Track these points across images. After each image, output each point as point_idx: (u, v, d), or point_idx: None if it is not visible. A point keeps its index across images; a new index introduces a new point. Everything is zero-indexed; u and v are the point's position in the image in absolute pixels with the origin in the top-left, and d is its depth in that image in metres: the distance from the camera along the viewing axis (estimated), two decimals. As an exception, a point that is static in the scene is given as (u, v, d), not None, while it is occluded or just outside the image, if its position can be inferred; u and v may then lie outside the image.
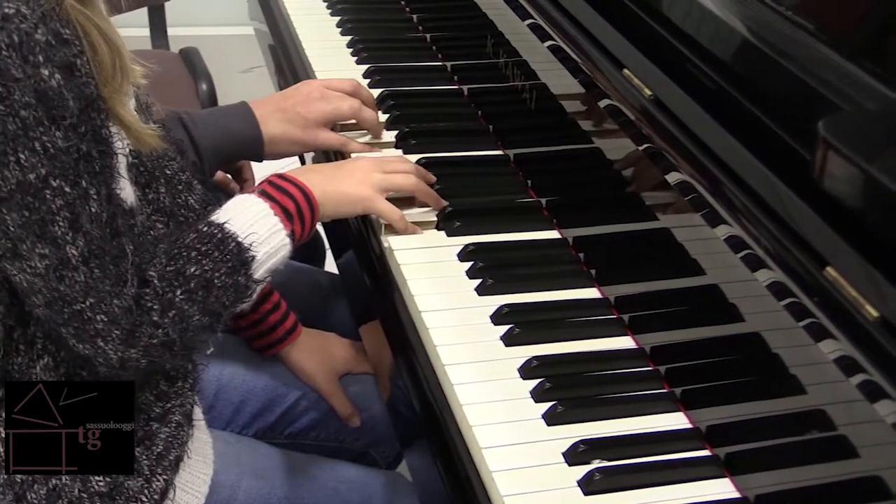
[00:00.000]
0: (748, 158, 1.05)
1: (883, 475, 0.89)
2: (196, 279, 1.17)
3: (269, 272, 1.26)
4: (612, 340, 1.26)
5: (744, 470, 1.08)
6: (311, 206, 1.30)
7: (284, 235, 1.26)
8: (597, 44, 1.33)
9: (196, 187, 1.38)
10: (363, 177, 1.38)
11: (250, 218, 1.24)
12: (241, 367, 1.47)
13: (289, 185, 1.30)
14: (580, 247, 1.40)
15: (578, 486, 1.07)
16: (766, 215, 1.01)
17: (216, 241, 1.20)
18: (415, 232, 1.40)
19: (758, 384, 1.07)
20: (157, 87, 2.30)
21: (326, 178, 1.36)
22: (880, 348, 0.86)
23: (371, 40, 1.91)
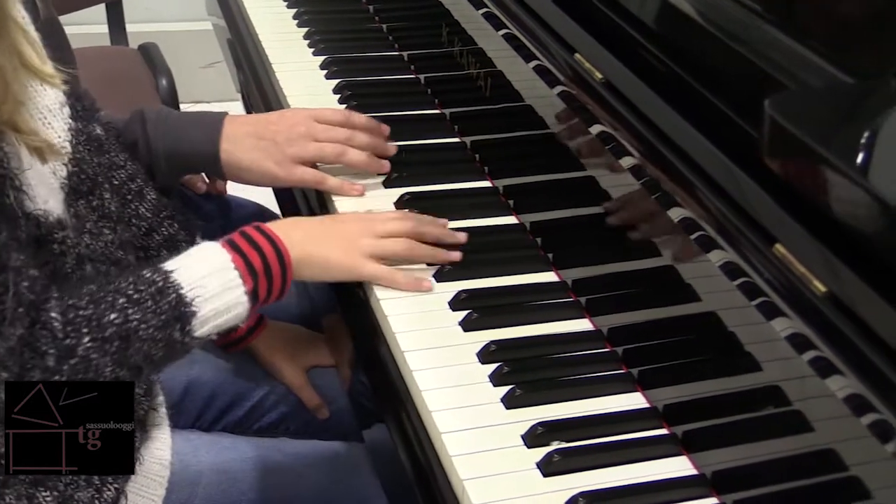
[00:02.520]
0: (698, 139, 1.05)
1: (836, 448, 0.89)
2: (114, 328, 1.06)
3: (218, 329, 1.15)
4: (570, 323, 1.25)
5: (701, 447, 1.09)
6: (284, 267, 1.18)
7: (242, 293, 1.15)
8: (549, 29, 1.33)
9: (148, 196, 1.33)
10: (351, 242, 1.26)
11: (204, 270, 1.13)
12: (209, 363, 1.46)
13: (261, 239, 1.18)
14: (537, 231, 1.39)
15: (537, 468, 1.06)
16: (717, 194, 1.01)
17: (154, 291, 1.09)
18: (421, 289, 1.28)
19: (714, 362, 1.07)
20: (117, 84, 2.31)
21: (309, 238, 1.24)
22: (829, 323, 0.86)
23: (328, 31, 1.90)
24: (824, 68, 0.99)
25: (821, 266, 0.88)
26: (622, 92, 1.17)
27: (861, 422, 0.84)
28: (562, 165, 1.34)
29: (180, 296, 1.11)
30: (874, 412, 0.82)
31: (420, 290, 1.28)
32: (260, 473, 1.33)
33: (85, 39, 2.48)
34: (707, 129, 1.05)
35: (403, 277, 1.28)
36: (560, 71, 1.29)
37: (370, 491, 1.35)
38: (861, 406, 0.84)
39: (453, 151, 1.59)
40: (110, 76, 2.32)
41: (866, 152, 0.87)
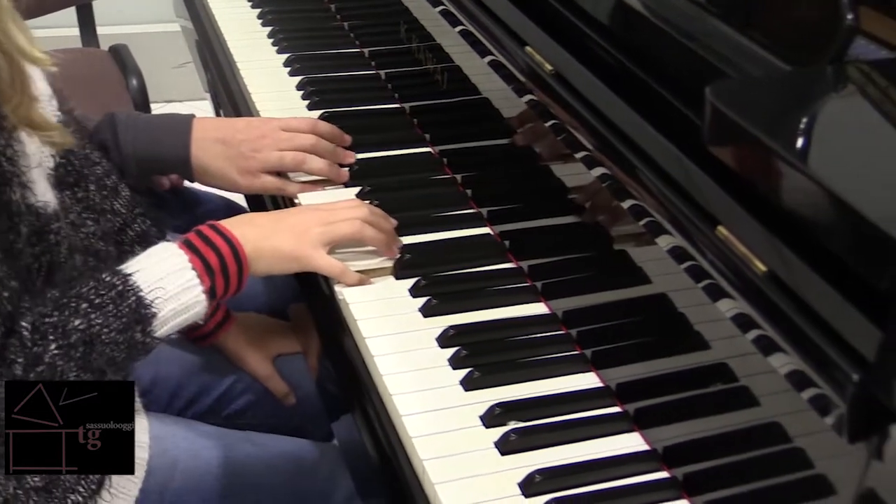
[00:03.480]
0: (644, 126, 1.05)
1: (781, 421, 0.89)
2: (79, 333, 1.05)
3: (179, 328, 1.14)
4: (526, 307, 1.25)
5: (652, 424, 1.09)
6: (240, 263, 1.18)
7: (200, 292, 1.14)
8: (501, 24, 1.33)
9: (122, 192, 1.32)
10: (302, 232, 1.25)
11: (162, 271, 1.13)
12: (177, 353, 1.44)
13: (217, 238, 1.18)
14: (494, 219, 1.39)
15: (495, 447, 1.06)
16: (662, 180, 1.01)
17: (114, 294, 1.09)
18: (363, 283, 1.27)
19: (664, 342, 1.07)
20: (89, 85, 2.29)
21: (263, 233, 1.23)
22: (769, 302, 0.86)
23: (291, 30, 1.90)
24: (763, 57, 0.99)
25: (761, 246, 0.88)
26: (571, 83, 1.17)
27: (802, 396, 0.84)
28: (518, 156, 1.33)
29: (140, 298, 1.10)
30: (814, 387, 0.82)
31: (363, 284, 1.27)
32: (232, 462, 1.32)
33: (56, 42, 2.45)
34: (652, 117, 1.05)
35: (351, 276, 1.27)
36: (512, 64, 1.29)
37: (338, 480, 1.34)
38: (801, 382, 0.84)
39: (413, 144, 1.58)
40: (82, 77, 2.30)
41: (803, 137, 0.88)
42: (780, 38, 0.98)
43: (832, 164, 0.82)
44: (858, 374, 0.76)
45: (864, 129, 0.89)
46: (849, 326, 0.78)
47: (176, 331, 1.15)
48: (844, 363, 0.78)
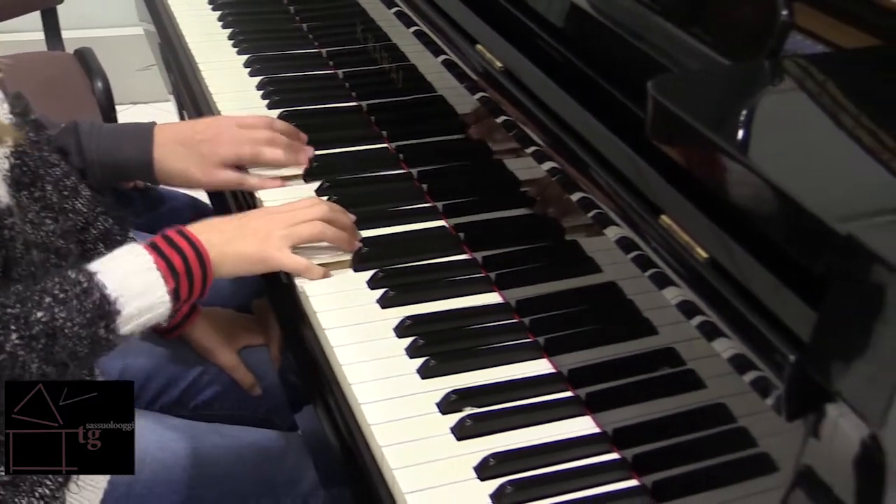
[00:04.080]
0: (589, 121, 1.05)
1: (726, 402, 0.90)
2: (41, 326, 1.04)
3: (143, 327, 1.14)
4: (481, 297, 1.25)
5: (603, 407, 1.09)
6: (204, 267, 1.18)
7: (164, 293, 1.14)
8: (453, 24, 1.32)
9: (83, 192, 1.31)
10: (265, 236, 1.25)
11: (127, 271, 1.13)
12: (144, 346, 1.44)
13: (182, 242, 1.18)
14: (449, 213, 1.39)
15: (451, 433, 1.07)
16: (608, 172, 1.02)
17: (79, 290, 1.08)
18: (327, 276, 1.28)
19: (614, 329, 1.08)
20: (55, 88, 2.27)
21: (227, 238, 1.22)
22: (711, 288, 0.87)
23: (251, 31, 1.89)
24: (704, 53, 0.99)
25: (702, 234, 0.89)
26: (521, 80, 1.17)
27: (744, 379, 0.85)
28: (472, 152, 1.33)
29: (105, 295, 1.10)
30: (755, 370, 0.83)
31: (326, 277, 1.27)
32: (200, 453, 1.31)
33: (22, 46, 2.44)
34: (598, 112, 1.05)
35: (316, 270, 1.27)
36: (464, 62, 1.29)
37: (304, 469, 1.34)
38: (743, 365, 0.84)
39: (370, 141, 1.58)
40: (47, 80, 2.29)
41: (742, 129, 0.88)
42: (720, 35, 0.99)
43: (770, 155, 0.83)
44: (795, 355, 0.77)
45: (800, 121, 0.89)
46: (786, 309, 0.79)
47: (140, 330, 1.14)
48: (782, 345, 0.79)
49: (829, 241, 0.71)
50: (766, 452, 0.86)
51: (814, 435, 0.78)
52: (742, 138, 0.86)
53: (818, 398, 0.77)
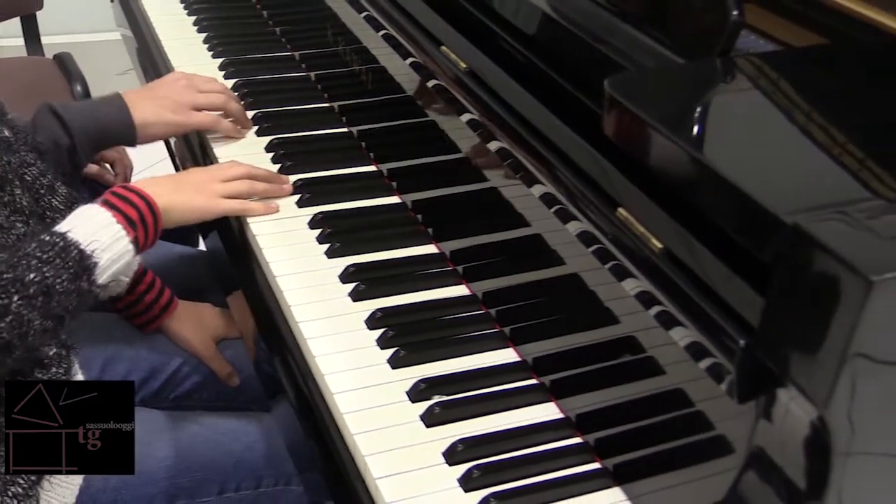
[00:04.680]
0: (550, 118, 1.06)
1: (684, 388, 0.91)
2: (36, 285, 1.08)
3: (114, 277, 1.19)
4: (449, 289, 1.26)
5: (566, 394, 1.10)
6: (155, 215, 1.24)
7: (128, 242, 1.19)
8: (419, 27, 1.33)
9: (59, 189, 1.32)
10: (204, 187, 1.35)
11: (93, 226, 1.17)
12: (124, 340, 1.44)
13: (132, 195, 1.24)
14: (418, 209, 1.40)
15: (421, 420, 1.07)
16: (567, 166, 1.02)
17: (58, 249, 1.12)
18: (270, 210, 1.38)
19: (577, 318, 1.08)
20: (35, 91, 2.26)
21: (169, 189, 1.30)
22: (665, 276, 0.88)
23: (225, 35, 1.89)
24: (658, 51, 1.00)
25: (657, 226, 0.89)
26: (484, 79, 1.18)
27: (699, 365, 0.86)
28: (439, 149, 1.34)
29: (81, 250, 1.14)
30: (709, 356, 0.84)
31: (270, 212, 1.38)
32: (179, 443, 1.31)
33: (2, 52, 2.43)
34: (557, 109, 1.06)
35: (256, 205, 1.38)
36: (430, 63, 1.29)
37: (282, 455, 1.34)
38: (698, 352, 0.85)
39: (341, 140, 1.58)
40: (28, 85, 2.28)
41: (693, 124, 0.89)
42: (674, 35, 1.00)
43: (721, 150, 0.84)
44: (745, 340, 0.78)
45: (751, 116, 0.90)
46: (737, 297, 0.80)
47: (111, 280, 1.19)
48: (733, 330, 0.80)
49: (776, 231, 0.72)
50: (723, 435, 0.86)
51: (766, 418, 0.79)
52: (694, 133, 0.87)
53: (768, 382, 0.78)
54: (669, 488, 0.96)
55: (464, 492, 1.00)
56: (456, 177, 1.31)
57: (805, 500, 0.77)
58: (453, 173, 1.32)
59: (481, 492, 0.99)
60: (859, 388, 0.72)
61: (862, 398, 0.73)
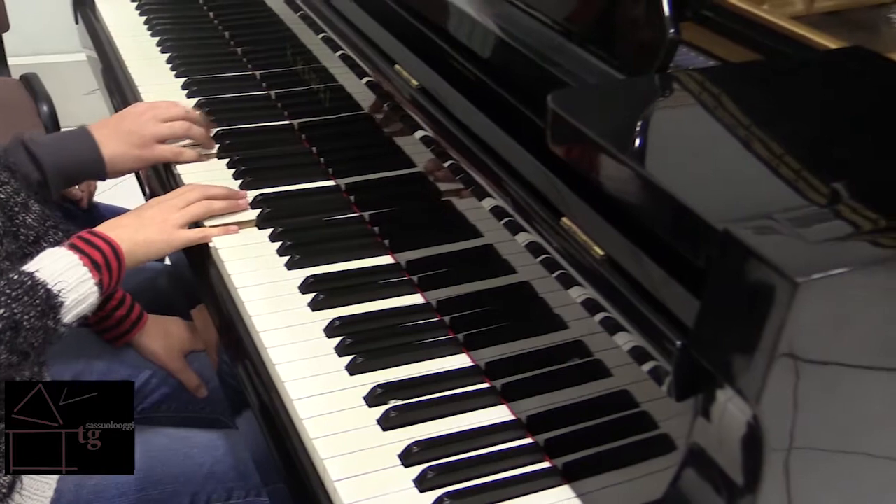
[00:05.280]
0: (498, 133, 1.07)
1: (629, 389, 0.92)
2: (4, 321, 1.09)
3: (78, 317, 1.19)
4: (404, 298, 1.27)
5: (517, 397, 1.11)
6: (118, 258, 1.24)
7: (93, 284, 1.19)
8: (374, 46, 1.34)
9: (33, 207, 1.32)
10: (163, 220, 1.34)
11: (60, 268, 1.18)
12: (94, 355, 1.44)
13: (97, 240, 1.24)
14: (375, 222, 1.40)
15: (378, 424, 1.08)
16: (514, 179, 1.03)
17: (26, 287, 1.13)
18: (228, 232, 1.38)
19: (528, 324, 1.09)
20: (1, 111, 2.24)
21: (132, 230, 1.30)
22: (607, 281, 0.89)
23: (187, 55, 1.88)
24: (600, 68, 1.02)
25: (598, 234, 0.91)
26: (435, 97, 1.19)
27: (642, 368, 0.87)
28: (395, 164, 1.35)
29: (48, 290, 1.14)
30: (651, 359, 0.85)
31: (228, 233, 1.38)
32: (148, 455, 1.31)
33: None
34: (505, 124, 1.07)
35: (214, 230, 1.38)
36: (384, 81, 1.30)
37: (248, 469, 1.34)
38: (641, 356, 0.87)
39: (301, 156, 1.59)
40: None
41: (632, 136, 0.90)
42: (614, 52, 1.02)
43: (658, 160, 0.85)
44: (681, 341, 0.80)
45: (688, 129, 0.92)
46: (674, 300, 0.82)
47: (75, 320, 1.18)
48: (670, 332, 0.81)
49: (708, 237, 0.74)
50: (666, 434, 0.88)
51: (705, 417, 0.80)
52: (633, 145, 0.89)
53: (704, 381, 0.79)
54: (616, 485, 0.97)
55: (419, 492, 1.00)
56: (412, 190, 1.32)
57: (741, 495, 0.79)
58: (409, 187, 1.33)
59: (436, 492, 1.00)
60: (788, 386, 0.74)
61: (791, 395, 0.74)
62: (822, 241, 0.73)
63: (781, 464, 0.78)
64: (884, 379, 0.79)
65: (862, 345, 0.76)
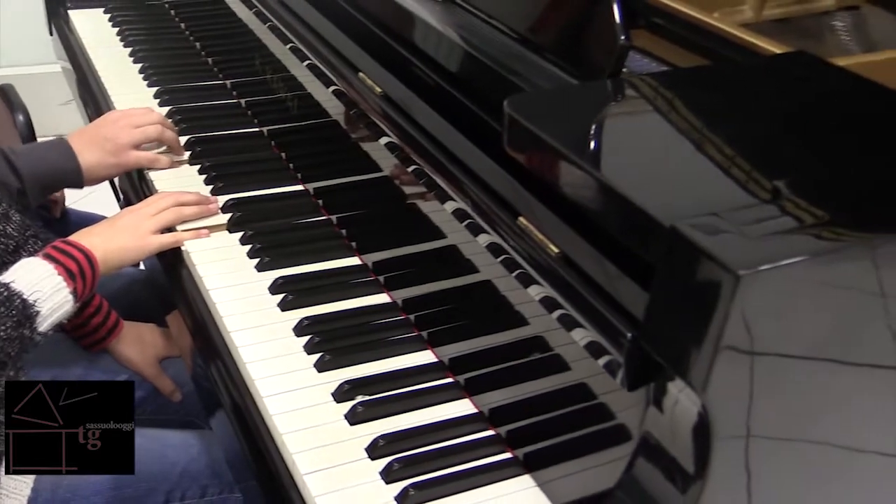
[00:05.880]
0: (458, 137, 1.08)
1: (587, 382, 0.93)
2: None
3: (53, 325, 1.19)
4: (371, 298, 1.28)
5: (480, 390, 1.12)
6: (93, 266, 1.25)
7: (68, 293, 1.19)
8: (339, 55, 1.35)
9: (13, 217, 1.32)
10: (136, 228, 1.35)
11: (35, 278, 1.18)
12: (71, 360, 1.44)
13: (71, 249, 1.24)
14: (343, 224, 1.41)
15: (345, 419, 1.09)
16: (474, 181, 1.04)
17: (2, 299, 1.13)
18: (200, 236, 1.39)
19: (490, 321, 1.10)
20: (-23, 122, 2.22)
21: (105, 238, 1.30)
22: (561, 278, 0.90)
23: (159, 65, 1.89)
24: (554, 73, 1.03)
25: (553, 232, 0.92)
26: (398, 103, 1.20)
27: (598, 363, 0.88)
28: (362, 169, 1.35)
29: (24, 300, 1.14)
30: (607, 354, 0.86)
31: (200, 237, 1.38)
32: None
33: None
34: (464, 128, 1.08)
35: (186, 234, 1.38)
36: (349, 89, 1.31)
37: (223, 467, 1.35)
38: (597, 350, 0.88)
39: (270, 162, 1.59)
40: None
41: (585, 138, 0.91)
42: (568, 58, 1.03)
43: (608, 161, 0.86)
44: (632, 333, 0.81)
45: (637, 129, 0.93)
46: (625, 294, 0.83)
47: (50, 328, 1.18)
48: (622, 325, 0.82)
49: (657, 233, 0.75)
50: (622, 424, 0.89)
51: (651, 403, 0.82)
52: (585, 147, 0.89)
53: (655, 371, 0.81)
54: (574, 474, 0.98)
55: (385, 483, 1.01)
56: (378, 194, 1.33)
57: (690, 481, 0.80)
58: (375, 191, 1.34)
59: (401, 483, 1.01)
60: (734, 376, 0.75)
61: (737, 385, 0.76)
62: (764, 236, 0.74)
63: (730, 451, 0.79)
64: (827, 368, 0.81)
65: (804, 335, 0.77)
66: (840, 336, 0.79)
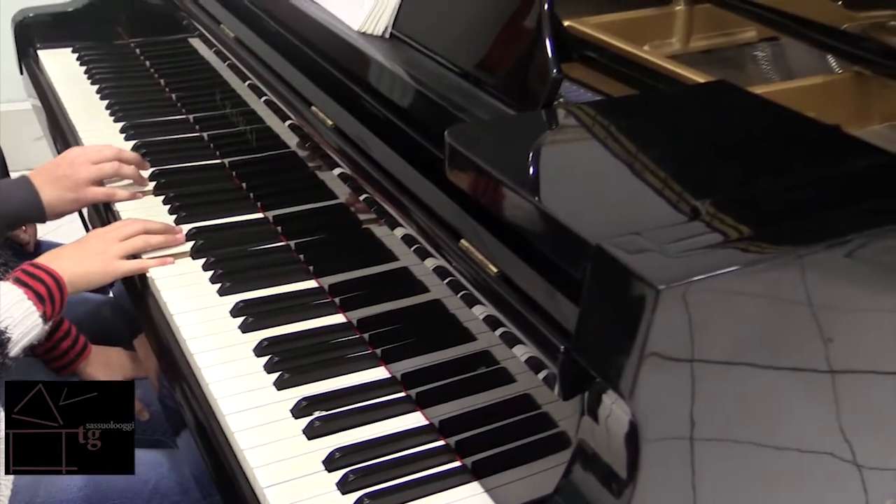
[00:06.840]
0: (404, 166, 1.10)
1: (531, 392, 0.95)
2: None
3: (24, 349, 1.19)
4: (327, 318, 1.29)
5: (430, 403, 1.13)
6: (61, 289, 1.25)
7: (37, 317, 1.19)
8: (294, 91, 1.36)
9: None
10: (103, 252, 1.35)
11: (6, 304, 1.17)
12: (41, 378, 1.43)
13: (40, 272, 1.24)
14: (301, 250, 1.42)
15: (303, 434, 1.09)
16: (419, 208, 1.06)
17: None
18: (165, 263, 1.39)
19: (439, 338, 1.12)
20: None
21: (73, 261, 1.31)
22: (501, 297, 0.92)
23: (125, 102, 1.89)
24: (492, 105, 1.05)
25: (492, 253, 0.94)
26: (347, 134, 1.22)
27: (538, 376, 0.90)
28: (318, 197, 1.37)
29: None
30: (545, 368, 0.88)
31: (165, 264, 1.38)
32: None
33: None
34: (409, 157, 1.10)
35: (151, 262, 1.38)
36: (303, 122, 1.33)
37: (188, 483, 1.35)
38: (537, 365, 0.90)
39: (231, 192, 1.60)
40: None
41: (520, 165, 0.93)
42: (505, 90, 1.05)
43: (541, 185, 0.89)
44: (564, 345, 0.83)
45: (569, 155, 0.96)
46: (557, 308, 0.85)
47: (20, 351, 1.18)
48: (555, 338, 0.84)
49: (584, 252, 0.77)
50: (564, 431, 0.91)
51: (585, 412, 0.84)
52: (520, 172, 0.91)
53: (585, 381, 0.83)
54: (520, 480, 1.00)
55: (341, 494, 1.02)
56: (333, 221, 1.35)
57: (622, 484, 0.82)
58: (331, 218, 1.35)
59: (357, 493, 1.02)
60: (658, 382, 0.77)
61: (661, 390, 0.78)
62: (684, 252, 0.77)
63: (659, 453, 0.81)
64: (747, 372, 0.83)
65: (724, 342, 0.79)
66: (757, 341, 0.81)
